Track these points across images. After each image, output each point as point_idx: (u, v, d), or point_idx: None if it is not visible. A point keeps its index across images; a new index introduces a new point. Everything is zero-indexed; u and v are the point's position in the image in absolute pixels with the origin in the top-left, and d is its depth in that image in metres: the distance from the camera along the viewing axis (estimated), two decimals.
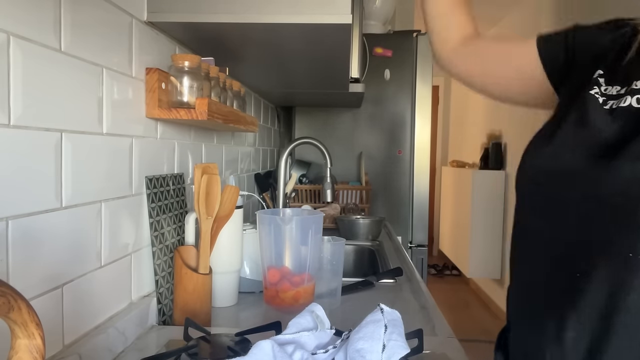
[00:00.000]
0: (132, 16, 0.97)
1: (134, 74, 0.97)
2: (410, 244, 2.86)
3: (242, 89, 1.37)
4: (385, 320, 0.74)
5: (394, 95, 2.81)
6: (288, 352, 0.71)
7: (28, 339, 0.42)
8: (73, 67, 0.77)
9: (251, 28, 1.06)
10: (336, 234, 2.10)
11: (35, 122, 0.69)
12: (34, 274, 0.70)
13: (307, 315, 0.80)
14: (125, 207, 0.96)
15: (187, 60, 1.01)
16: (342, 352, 0.75)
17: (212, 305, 1.13)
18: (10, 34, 0.64)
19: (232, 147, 1.76)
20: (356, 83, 1.94)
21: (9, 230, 0.64)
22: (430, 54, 2.80)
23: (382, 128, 2.84)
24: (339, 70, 1.56)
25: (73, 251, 0.79)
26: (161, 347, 0.91)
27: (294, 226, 1.16)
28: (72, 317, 0.79)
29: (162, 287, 1.06)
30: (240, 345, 0.82)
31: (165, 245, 1.09)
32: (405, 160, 2.83)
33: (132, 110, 0.97)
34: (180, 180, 1.20)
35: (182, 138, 1.24)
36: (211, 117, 1.02)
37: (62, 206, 0.75)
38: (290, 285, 1.14)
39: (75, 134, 0.78)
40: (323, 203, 2.42)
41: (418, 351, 0.74)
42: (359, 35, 1.78)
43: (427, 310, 1.19)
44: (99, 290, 0.87)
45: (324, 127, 2.86)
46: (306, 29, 1.07)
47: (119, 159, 0.93)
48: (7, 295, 0.40)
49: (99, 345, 0.82)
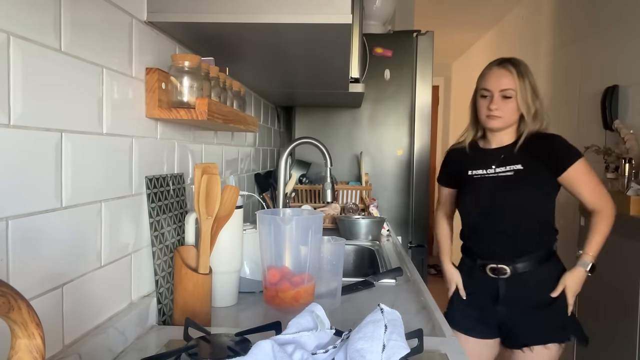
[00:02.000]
0: (132, 16, 0.97)
1: (134, 74, 0.97)
2: (410, 244, 2.86)
3: (242, 89, 1.37)
4: (385, 320, 0.74)
5: (394, 95, 2.81)
6: (288, 352, 0.71)
7: (28, 339, 0.42)
8: (73, 67, 0.77)
9: (251, 28, 1.06)
10: (336, 234, 2.10)
11: (35, 122, 0.69)
12: (34, 274, 0.70)
13: (307, 315, 0.80)
14: (125, 207, 0.96)
15: (187, 60, 1.01)
16: (342, 352, 0.75)
17: (212, 305, 1.13)
18: (11, 34, 0.64)
19: (232, 147, 1.76)
20: (356, 83, 1.94)
21: (9, 230, 0.64)
22: (430, 53, 2.81)
23: (382, 128, 2.84)
24: (339, 70, 1.56)
25: (73, 251, 0.79)
26: (161, 347, 0.91)
27: (293, 226, 1.16)
28: (72, 317, 0.79)
29: (162, 287, 1.06)
30: (240, 345, 0.82)
31: (165, 245, 1.09)
32: (405, 160, 2.83)
33: (132, 110, 0.97)
34: (180, 180, 1.20)
35: (182, 138, 1.24)
36: (211, 117, 1.02)
37: (62, 206, 0.75)
38: (290, 285, 1.14)
39: (75, 134, 0.78)
40: (323, 203, 2.42)
41: (418, 351, 0.74)
42: (359, 35, 1.78)
43: (427, 310, 1.19)
44: (99, 290, 0.87)
45: (324, 127, 2.86)
46: (306, 29, 1.07)
47: (119, 159, 0.93)
48: (7, 295, 0.40)
49: (99, 345, 0.82)
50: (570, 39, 3.14)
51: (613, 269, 2.24)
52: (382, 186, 2.82)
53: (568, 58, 3.17)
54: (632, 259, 2.07)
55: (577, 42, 3.03)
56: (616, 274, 2.20)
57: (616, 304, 2.20)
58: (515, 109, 1.58)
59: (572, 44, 3.11)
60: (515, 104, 1.57)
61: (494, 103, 1.58)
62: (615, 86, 2.49)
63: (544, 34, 3.60)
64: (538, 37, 3.70)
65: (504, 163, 1.61)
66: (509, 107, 1.58)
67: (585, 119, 2.86)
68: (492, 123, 1.60)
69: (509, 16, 4.46)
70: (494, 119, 1.59)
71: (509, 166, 1.60)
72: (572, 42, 3.12)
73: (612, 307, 2.24)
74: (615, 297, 2.20)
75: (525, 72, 1.59)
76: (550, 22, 3.50)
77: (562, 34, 3.29)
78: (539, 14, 3.71)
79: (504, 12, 4.43)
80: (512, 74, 1.57)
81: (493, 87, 1.58)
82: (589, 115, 2.81)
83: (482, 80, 1.64)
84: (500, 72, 1.59)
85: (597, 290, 2.42)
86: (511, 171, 1.59)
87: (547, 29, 3.55)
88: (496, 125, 1.60)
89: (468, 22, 4.81)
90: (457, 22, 4.83)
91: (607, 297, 2.29)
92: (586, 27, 2.92)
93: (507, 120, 1.59)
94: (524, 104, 1.57)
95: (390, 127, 2.84)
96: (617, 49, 2.57)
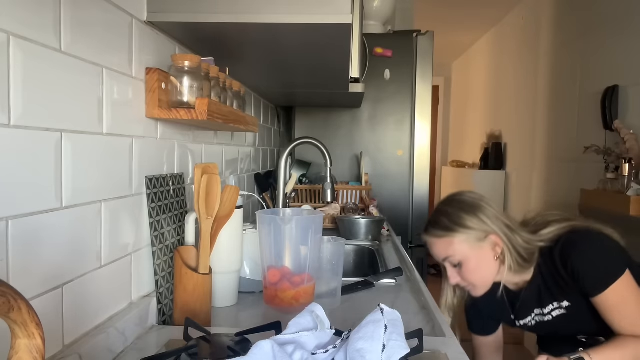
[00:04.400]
0: (132, 16, 0.97)
1: (134, 74, 0.97)
2: (410, 244, 2.86)
3: (242, 89, 1.37)
4: (385, 320, 0.74)
5: (394, 95, 2.81)
6: (288, 352, 0.71)
7: (28, 339, 0.42)
8: (73, 67, 0.77)
9: (251, 28, 1.06)
10: (336, 234, 2.10)
11: (35, 122, 0.69)
12: (34, 274, 0.70)
13: (307, 315, 0.80)
14: (125, 207, 0.96)
15: (187, 60, 1.01)
16: (342, 352, 0.75)
17: (212, 305, 1.13)
18: (11, 34, 0.64)
19: (232, 147, 1.76)
20: (356, 83, 1.94)
21: (9, 230, 0.64)
22: (430, 53, 2.81)
23: (382, 128, 2.84)
24: (339, 70, 1.56)
25: (73, 251, 0.79)
26: (161, 347, 0.91)
27: (293, 226, 1.16)
28: (72, 317, 0.79)
29: (162, 287, 1.06)
30: (240, 345, 0.82)
31: (165, 245, 1.09)
32: (405, 160, 2.83)
33: (132, 110, 0.97)
34: (180, 180, 1.20)
35: (182, 138, 1.24)
36: (211, 117, 1.02)
37: (62, 206, 0.75)
38: (290, 285, 1.14)
39: (76, 134, 0.78)
40: (323, 203, 2.42)
41: (418, 351, 0.74)
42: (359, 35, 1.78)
43: (427, 310, 1.19)
44: (99, 290, 0.87)
45: (324, 127, 2.86)
46: (306, 29, 1.07)
47: (119, 159, 0.93)
48: (7, 295, 0.40)
49: (99, 345, 0.82)
50: (571, 39, 3.14)
51: None
52: (382, 186, 2.82)
53: (568, 58, 3.17)
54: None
55: (577, 42, 3.03)
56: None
57: None
58: (478, 268, 1.25)
59: (572, 43, 3.11)
60: (473, 264, 1.25)
61: (450, 277, 1.29)
62: (615, 86, 2.49)
63: (544, 34, 3.60)
64: (538, 37, 3.70)
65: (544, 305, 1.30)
66: (468, 273, 1.26)
67: (585, 119, 2.86)
68: (473, 293, 1.31)
69: (509, 16, 4.46)
70: (469, 290, 1.31)
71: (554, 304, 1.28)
72: (572, 42, 3.12)
73: None
74: None
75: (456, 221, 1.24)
76: (550, 22, 3.50)
77: (562, 34, 3.29)
78: (539, 13, 3.71)
79: (504, 12, 4.43)
80: (438, 239, 1.27)
81: (438, 259, 1.31)
82: (589, 115, 2.81)
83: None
84: (430, 241, 1.30)
85: None
86: (558, 308, 1.28)
87: (547, 29, 3.55)
88: (479, 293, 1.30)
89: (468, 22, 4.82)
90: (457, 22, 4.84)
91: None
92: (586, 27, 2.92)
93: (482, 283, 1.28)
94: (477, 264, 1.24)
95: (390, 127, 2.84)
96: (617, 48, 2.57)
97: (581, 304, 1.23)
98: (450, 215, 1.26)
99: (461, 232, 1.24)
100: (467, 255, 1.24)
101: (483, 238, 1.24)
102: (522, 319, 1.36)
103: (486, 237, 1.24)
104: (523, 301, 1.32)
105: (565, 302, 1.26)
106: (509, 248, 1.24)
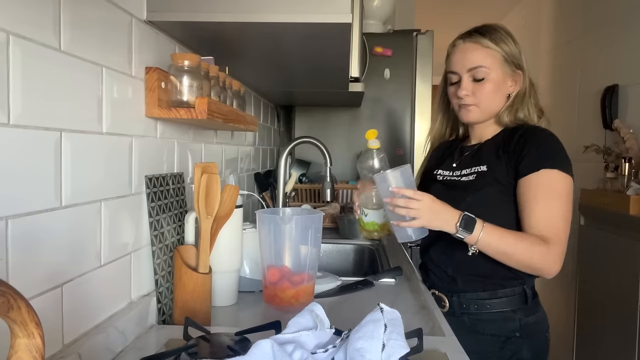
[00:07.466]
0: (132, 15, 0.97)
1: (133, 73, 0.97)
2: (410, 244, 2.86)
3: (242, 88, 1.37)
4: (385, 319, 0.74)
5: (393, 95, 2.80)
6: (288, 352, 0.71)
7: (27, 338, 0.42)
8: (73, 66, 0.77)
9: (251, 27, 1.06)
10: (336, 234, 2.10)
11: (34, 121, 0.69)
12: (34, 273, 0.70)
13: (306, 315, 0.80)
14: (125, 206, 0.96)
15: (187, 59, 1.01)
16: (341, 352, 0.75)
17: (212, 305, 1.13)
18: (10, 33, 0.64)
19: (231, 147, 1.76)
20: (356, 82, 1.94)
21: (8, 229, 0.64)
22: (430, 53, 2.80)
23: (382, 128, 2.84)
24: (338, 69, 1.56)
25: (73, 250, 0.79)
26: (161, 347, 0.91)
27: (293, 225, 1.16)
28: (72, 317, 0.79)
29: (161, 287, 1.06)
30: (240, 344, 0.82)
31: (165, 244, 1.09)
32: (405, 160, 2.83)
33: (131, 109, 0.97)
34: (180, 179, 1.20)
35: (182, 137, 1.24)
36: (211, 117, 1.02)
37: (62, 205, 0.75)
38: (290, 284, 1.14)
39: (75, 133, 0.78)
40: (323, 202, 2.42)
41: (418, 351, 0.74)
42: (359, 34, 1.78)
43: (427, 309, 1.19)
44: (99, 290, 0.87)
45: (323, 126, 2.85)
46: (306, 29, 1.07)
47: (118, 158, 0.93)
48: (6, 294, 0.40)
49: (99, 345, 0.82)
50: (570, 38, 3.14)
51: (613, 268, 2.24)
52: None
53: (568, 57, 3.17)
54: (632, 259, 2.07)
55: (577, 41, 3.03)
56: (616, 274, 2.20)
57: (616, 304, 2.20)
58: (494, 92, 1.24)
59: (572, 43, 3.11)
60: (493, 85, 1.24)
61: (463, 88, 1.25)
62: (615, 85, 2.49)
63: (544, 33, 3.60)
64: (538, 37, 3.70)
65: (470, 164, 1.28)
66: (484, 91, 1.24)
67: (585, 118, 2.86)
68: (465, 115, 1.28)
69: (509, 16, 4.46)
70: (466, 110, 1.26)
71: (475, 167, 1.26)
72: (572, 41, 3.12)
73: (612, 306, 2.24)
74: (615, 297, 2.20)
75: (503, 39, 1.25)
76: (550, 22, 3.50)
77: (562, 34, 3.29)
78: (539, 13, 3.71)
79: (504, 12, 4.43)
80: (481, 47, 1.24)
81: (459, 67, 1.26)
82: (588, 115, 2.81)
83: (447, 61, 1.32)
84: (466, 46, 1.26)
85: (597, 289, 2.42)
86: (473, 174, 1.25)
87: (547, 29, 3.54)
88: (472, 118, 1.27)
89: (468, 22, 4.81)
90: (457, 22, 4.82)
91: (607, 296, 2.29)
92: (586, 27, 2.92)
93: (485, 108, 1.26)
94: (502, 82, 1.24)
95: (390, 127, 2.84)
96: (617, 48, 2.57)
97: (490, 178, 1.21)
98: (502, 35, 1.26)
99: (506, 51, 1.25)
100: (496, 74, 1.25)
101: (515, 69, 1.27)
102: (446, 169, 1.35)
103: (515, 71, 1.27)
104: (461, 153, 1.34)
105: (484, 167, 1.24)
106: (520, 94, 1.27)
